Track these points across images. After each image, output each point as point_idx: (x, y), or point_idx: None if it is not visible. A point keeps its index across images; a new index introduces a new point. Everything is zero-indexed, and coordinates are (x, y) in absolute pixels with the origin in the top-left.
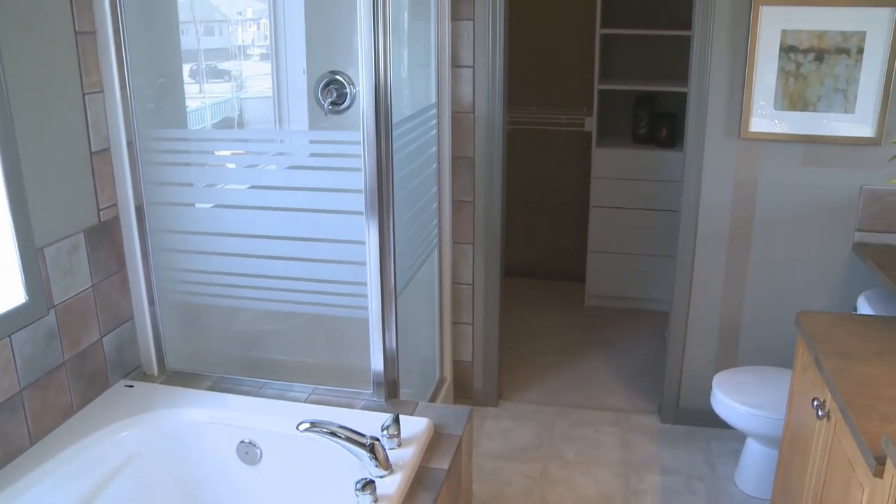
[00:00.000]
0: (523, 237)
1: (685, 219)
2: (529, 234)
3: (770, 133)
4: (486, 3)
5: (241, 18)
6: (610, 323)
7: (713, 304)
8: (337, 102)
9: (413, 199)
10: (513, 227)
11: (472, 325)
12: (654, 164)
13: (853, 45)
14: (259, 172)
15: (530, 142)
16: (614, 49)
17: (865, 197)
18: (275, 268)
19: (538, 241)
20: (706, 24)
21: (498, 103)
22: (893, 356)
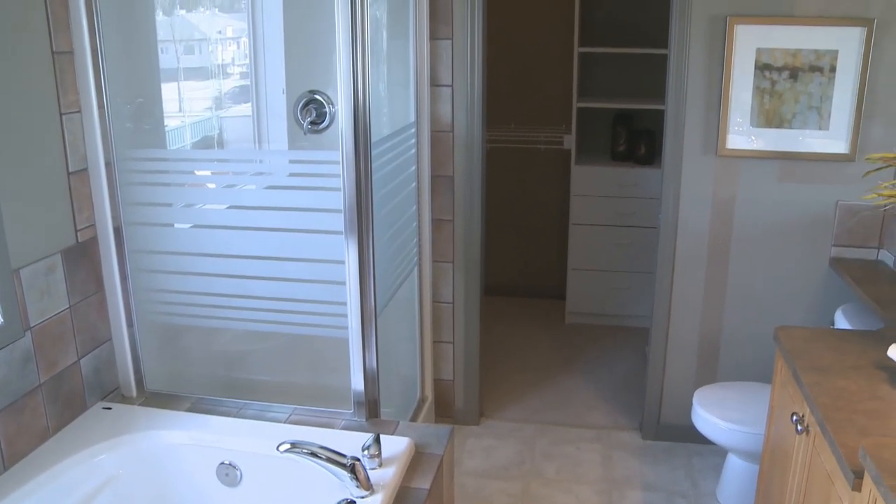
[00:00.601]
0: (503, 255)
1: (664, 235)
2: (509, 252)
3: (747, 150)
4: (464, 23)
5: (220, 37)
6: (590, 340)
7: (693, 319)
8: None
9: (392, 218)
10: (493, 245)
11: (452, 344)
12: (633, 181)
13: (826, 63)
14: (238, 192)
15: (509, 160)
16: (592, 67)
17: (841, 212)
18: (254, 288)
19: (518, 259)
20: (682, 43)
21: (477, 122)
22: (870, 370)
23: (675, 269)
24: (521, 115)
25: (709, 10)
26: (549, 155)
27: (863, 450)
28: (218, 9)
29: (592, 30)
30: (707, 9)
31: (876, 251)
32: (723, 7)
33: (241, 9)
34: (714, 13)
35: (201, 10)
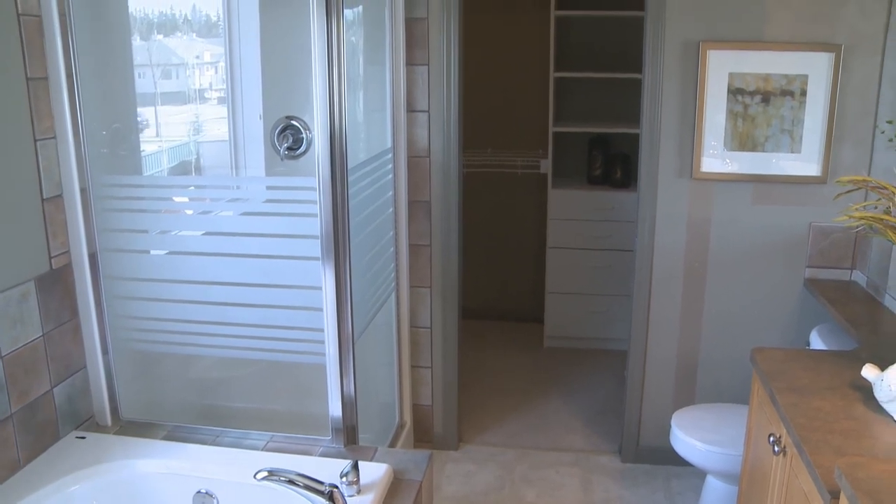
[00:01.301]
0: (481, 279)
1: (640, 258)
2: (487, 276)
3: (721, 173)
4: (440, 49)
5: (198, 62)
6: (569, 363)
7: (670, 342)
8: (293, 147)
9: (370, 244)
10: (470, 269)
11: (430, 369)
12: (610, 204)
13: (797, 87)
14: (215, 218)
15: (486, 184)
16: (568, 92)
17: (814, 234)
18: (231, 314)
19: (496, 283)
20: (656, 68)
21: (453, 147)
22: (845, 390)
23: (652, 292)
24: (497, 139)
25: (681, 35)
26: (525, 179)
27: (838, 470)
28: (196, 33)
29: (568, 55)
30: (680, 34)
31: (849, 272)
32: (695, 33)
33: (219, 34)
34: (687, 38)
35: (179, 34)
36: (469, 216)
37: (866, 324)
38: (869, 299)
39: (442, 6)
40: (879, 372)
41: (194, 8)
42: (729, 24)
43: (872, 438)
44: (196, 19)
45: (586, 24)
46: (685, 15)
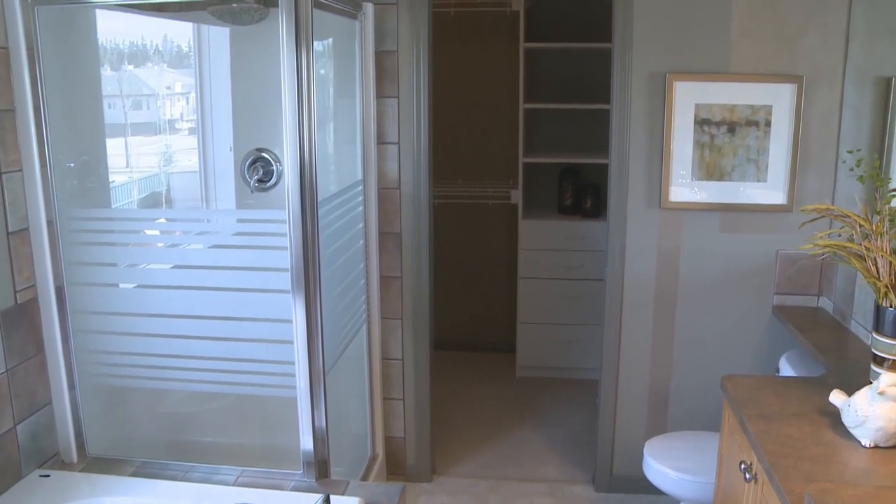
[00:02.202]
0: (452, 310)
1: (611, 288)
2: (459, 307)
3: (689, 202)
4: (410, 81)
5: (169, 93)
6: (542, 393)
7: (642, 371)
8: (263, 180)
9: (340, 276)
10: (442, 300)
11: (402, 401)
12: (580, 234)
13: (761, 117)
14: (184, 252)
15: (457, 215)
16: (538, 123)
17: (782, 261)
18: (201, 348)
19: (468, 314)
20: (624, 99)
21: (423, 178)
22: (814, 416)
23: (623, 321)
24: (468, 170)
25: (648, 67)
26: (496, 210)
27: (808, 496)
28: (167, 64)
29: (537, 86)
30: (647, 66)
31: (816, 298)
32: (662, 64)
33: (190, 64)
34: (653, 70)
35: (150, 65)
36: (440, 247)
37: (833, 349)
38: (836, 325)
39: (412, 39)
40: (846, 397)
41: (165, 38)
42: (695, 55)
43: (841, 464)
44: (167, 50)
45: (555, 55)
46: (652, 47)
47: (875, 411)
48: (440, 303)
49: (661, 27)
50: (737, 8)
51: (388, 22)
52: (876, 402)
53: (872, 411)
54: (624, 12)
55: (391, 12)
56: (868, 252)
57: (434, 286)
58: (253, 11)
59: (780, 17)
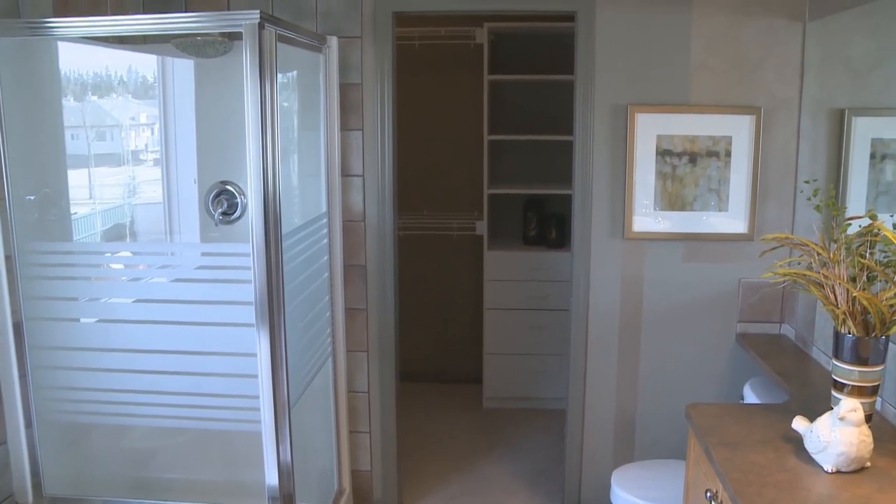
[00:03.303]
0: (419, 341)
1: (576, 318)
2: (425, 338)
3: (652, 232)
4: (374, 114)
5: (133, 123)
6: (509, 424)
7: (608, 400)
8: (228, 213)
9: (305, 309)
10: (408, 331)
11: (369, 433)
12: (545, 264)
13: (722, 148)
14: (147, 285)
15: (423, 246)
16: (503, 154)
17: (744, 289)
18: (164, 383)
19: (434, 345)
20: (586, 131)
21: (388, 211)
22: (777, 442)
23: (589, 351)
24: (433, 201)
25: (610, 99)
26: (461, 241)
27: None
28: (131, 95)
29: (501, 118)
30: (608, 98)
31: (778, 325)
32: (623, 96)
33: (155, 95)
34: (615, 102)
35: (114, 95)
36: (405, 279)
37: (796, 376)
38: (798, 352)
39: (376, 72)
40: (809, 423)
41: (130, 69)
42: (655, 88)
43: (805, 490)
44: (132, 80)
45: (519, 87)
46: (613, 79)
47: (836, 437)
48: (406, 334)
49: (622, 60)
50: (696, 42)
51: (353, 55)
52: (837, 428)
53: (834, 437)
54: (586, 45)
55: (355, 45)
56: (826, 280)
57: (400, 318)
58: (217, 44)
59: (737, 51)
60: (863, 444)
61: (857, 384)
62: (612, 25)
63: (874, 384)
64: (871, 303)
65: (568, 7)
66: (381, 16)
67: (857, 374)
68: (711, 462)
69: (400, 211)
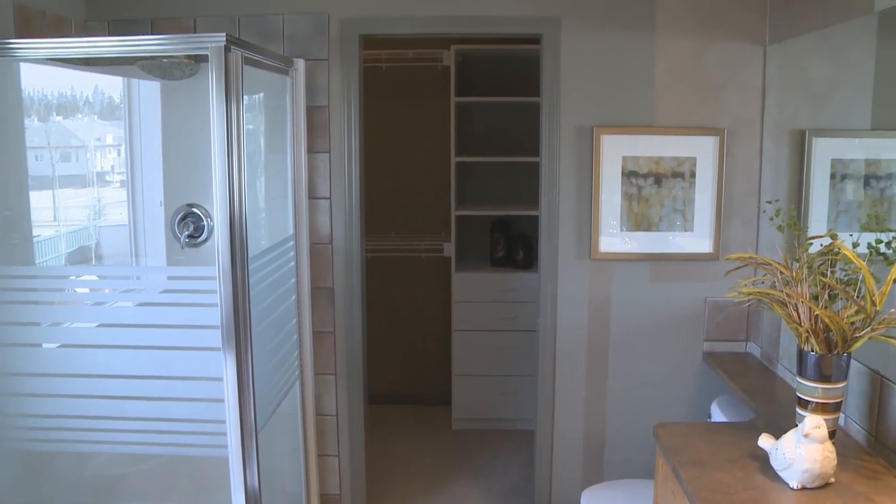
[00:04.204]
0: (387, 364)
1: (543, 338)
2: (393, 361)
3: (619, 253)
4: (341, 136)
5: (99, 145)
6: (478, 445)
7: (576, 420)
8: (194, 235)
9: (272, 332)
10: (376, 354)
11: (337, 457)
12: (513, 285)
13: (686, 169)
14: (112, 310)
15: (391, 268)
16: (470, 176)
17: (710, 308)
18: (128, 408)
19: (402, 367)
20: (552, 152)
21: (355, 233)
22: (744, 460)
23: (557, 371)
24: (401, 223)
25: (576, 120)
26: (429, 262)
27: None
28: (97, 115)
29: (468, 140)
30: (574, 120)
31: (744, 344)
32: (589, 118)
33: (121, 116)
34: (581, 124)
35: (79, 116)
36: (373, 301)
37: (762, 394)
38: (763, 369)
39: (343, 94)
40: (774, 441)
41: (96, 89)
42: (621, 110)
43: None
44: (97, 101)
45: (486, 109)
46: (579, 101)
47: (801, 454)
48: (374, 357)
49: (587, 82)
50: (660, 64)
51: (320, 77)
52: (802, 445)
53: (799, 454)
54: (551, 68)
55: (322, 68)
56: (789, 298)
57: (368, 340)
58: (183, 66)
59: (701, 73)
60: (827, 461)
61: (821, 401)
62: (578, 48)
63: (837, 401)
64: (833, 320)
65: (533, 30)
66: (348, 38)
67: (821, 391)
68: (679, 481)
69: (368, 233)
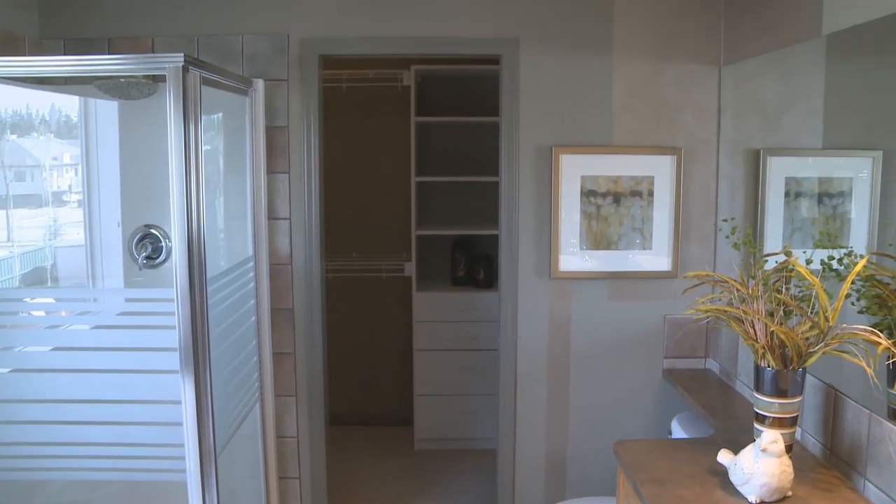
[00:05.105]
0: (348, 384)
1: (505, 358)
2: (354, 381)
3: (578, 272)
4: (300, 156)
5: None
6: (441, 465)
7: (538, 438)
8: (152, 257)
9: (232, 354)
10: (337, 374)
11: (299, 479)
12: (474, 305)
13: (644, 188)
14: (67, 333)
15: (351, 289)
16: (430, 195)
17: (669, 326)
18: (84, 434)
19: (364, 388)
20: (512, 172)
21: (315, 253)
22: (704, 476)
23: (518, 390)
24: (362, 243)
25: (535, 140)
26: (390, 282)
27: None
28: (53, 134)
29: (428, 159)
30: (533, 139)
31: (703, 360)
32: (548, 138)
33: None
34: (540, 144)
35: (35, 135)
36: (334, 321)
37: (721, 409)
38: (723, 385)
39: (302, 115)
40: (733, 456)
41: (53, 108)
42: (579, 129)
43: None
44: (54, 119)
45: (446, 129)
46: (538, 121)
47: (759, 468)
48: (335, 378)
49: (546, 102)
50: (617, 85)
51: (279, 97)
52: (760, 460)
53: (757, 468)
54: (510, 88)
55: (282, 88)
56: (745, 315)
57: (328, 361)
58: (141, 86)
59: (658, 94)
60: (784, 474)
61: (778, 416)
62: (536, 68)
63: (793, 415)
64: (788, 336)
65: (493, 51)
66: (308, 59)
67: (777, 406)
68: (641, 498)
69: (328, 253)
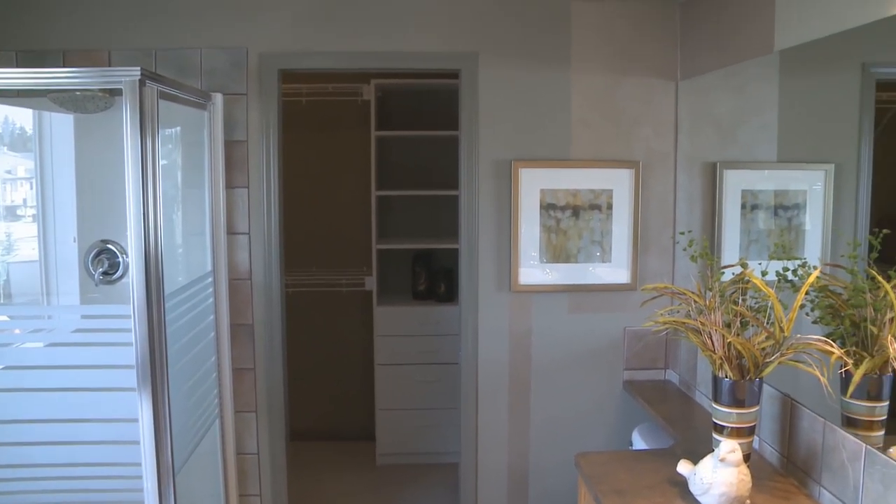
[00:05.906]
0: (309, 400)
1: (465, 371)
2: (315, 396)
3: (538, 285)
4: (259, 171)
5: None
6: (403, 480)
7: (500, 451)
8: (109, 272)
9: (190, 371)
10: (298, 390)
11: (259, 496)
12: (435, 319)
13: (603, 201)
14: (20, 351)
15: (312, 303)
16: (391, 209)
17: (629, 338)
18: (36, 455)
19: (325, 403)
20: (471, 186)
21: (274, 268)
22: (664, 487)
23: (479, 403)
24: (322, 258)
25: (494, 154)
26: (351, 297)
27: None
28: (6, 147)
29: (389, 173)
30: (492, 153)
31: (663, 371)
32: (507, 152)
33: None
34: (499, 158)
35: None
36: (295, 336)
37: (681, 420)
38: (682, 396)
39: (262, 129)
40: (692, 466)
41: (6, 119)
42: (538, 143)
43: None
44: (7, 132)
45: (406, 143)
46: (497, 135)
47: (718, 478)
48: (296, 393)
49: (505, 116)
50: (576, 99)
51: (238, 112)
52: (718, 469)
53: (715, 478)
54: (470, 102)
55: (241, 102)
56: (703, 326)
57: (289, 376)
58: (97, 100)
59: (616, 108)
60: (742, 483)
61: (736, 426)
62: (495, 83)
63: (751, 425)
64: (745, 347)
65: (452, 65)
66: (267, 73)
67: (735, 416)
68: None
69: (288, 268)
